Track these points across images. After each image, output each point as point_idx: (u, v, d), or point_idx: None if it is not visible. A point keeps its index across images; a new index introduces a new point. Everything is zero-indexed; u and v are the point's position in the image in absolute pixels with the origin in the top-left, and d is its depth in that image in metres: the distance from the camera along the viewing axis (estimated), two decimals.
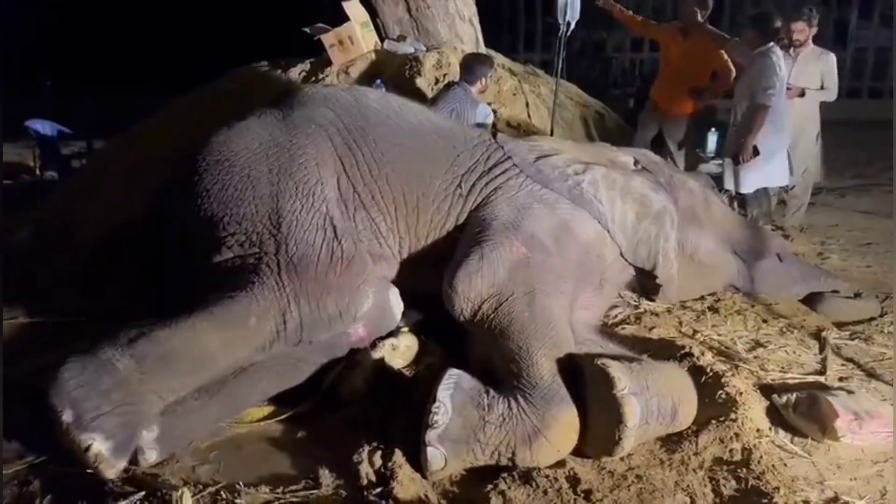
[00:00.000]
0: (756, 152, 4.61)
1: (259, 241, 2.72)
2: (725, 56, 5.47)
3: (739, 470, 2.37)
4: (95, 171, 5.01)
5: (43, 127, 8.14)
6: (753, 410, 2.65)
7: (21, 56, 13.32)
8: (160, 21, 13.97)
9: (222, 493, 2.27)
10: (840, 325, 3.65)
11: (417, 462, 2.36)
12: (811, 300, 3.87)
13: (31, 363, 2.81)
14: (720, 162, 5.29)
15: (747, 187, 4.86)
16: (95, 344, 2.41)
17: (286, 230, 2.72)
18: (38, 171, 8.62)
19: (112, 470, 2.27)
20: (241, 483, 2.30)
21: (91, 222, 4.07)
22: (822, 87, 5.37)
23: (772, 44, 4.65)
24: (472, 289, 2.76)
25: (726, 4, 13.46)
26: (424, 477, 2.34)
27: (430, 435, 2.33)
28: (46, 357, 2.66)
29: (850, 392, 2.78)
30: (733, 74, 5.42)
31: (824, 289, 3.93)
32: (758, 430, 2.57)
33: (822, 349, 3.32)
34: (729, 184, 4.81)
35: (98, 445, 2.21)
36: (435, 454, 2.32)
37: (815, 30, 5.34)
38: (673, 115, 5.72)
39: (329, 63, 5.36)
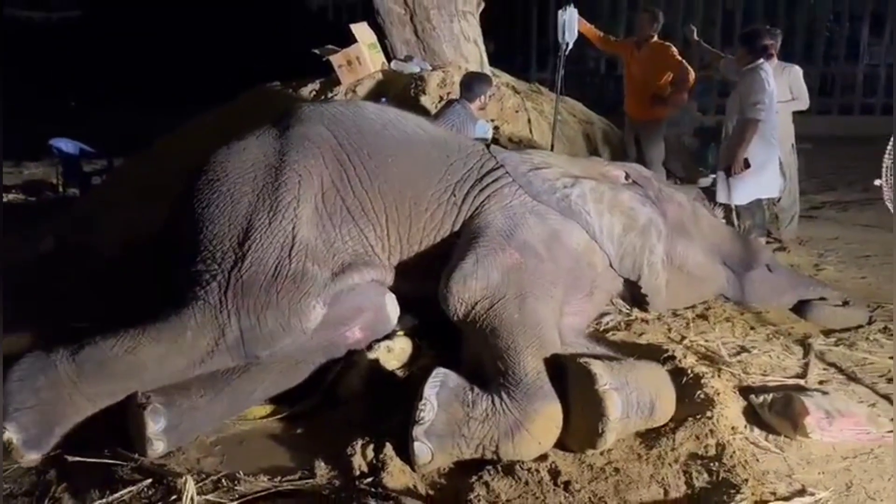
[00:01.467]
0: (747, 164, 4.74)
1: (222, 258, 2.84)
2: (679, 57, 5.94)
3: (712, 464, 2.50)
4: (115, 186, 5.25)
5: (66, 145, 8.44)
6: (730, 409, 2.78)
7: (47, 77, 13.73)
8: (179, 42, 14.35)
9: (223, 480, 2.44)
10: (827, 333, 3.76)
11: (408, 456, 2.51)
12: (800, 308, 3.98)
13: None
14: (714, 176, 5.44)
15: (740, 199, 4.98)
16: (54, 346, 2.64)
17: (246, 248, 2.84)
18: (60, 189, 8.93)
19: (22, 458, 2.50)
20: (241, 472, 2.46)
21: (110, 235, 4.29)
22: (791, 99, 5.51)
23: (761, 60, 4.80)
24: (466, 290, 2.91)
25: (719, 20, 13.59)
26: (414, 470, 2.49)
27: (417, 430, 2.47)
28: None
29: (825, 393, 2.90)
30: (692, 74, 5.91)
31: (813, 297, 4.03)
32: (733, 428, 2.69)
33: (805, 354, 3.44)
34: (722, 196, 4.94)
35: (10, 435, 2.46)
36: (422, 448, 2.47)
37: (777, 45, 5.53)
38: (645, 124, 6.15)
39: (338, 83, 5.58)
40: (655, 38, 6.15)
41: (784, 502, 2.30)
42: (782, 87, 5.40)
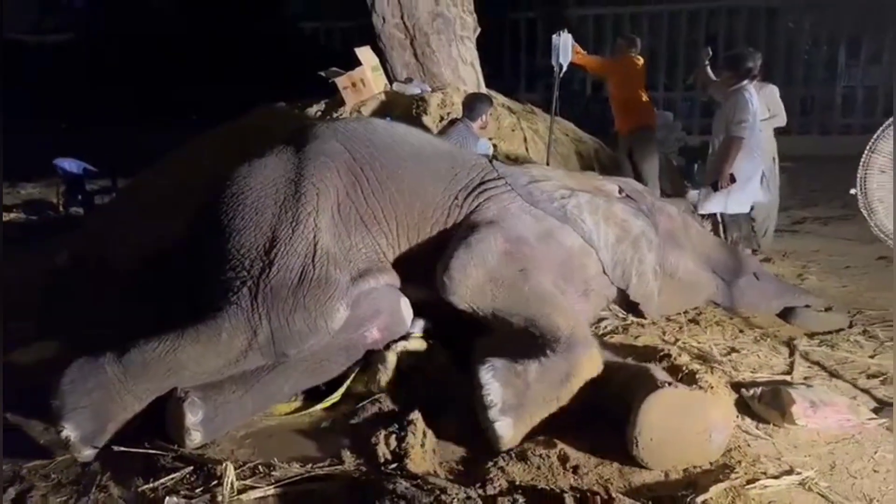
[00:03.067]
0: (732, 179, 5.02)
1: (250, 265, 3.05)
2: (639, 65, 6.57)
3: None
4: (128, 202, 5.44)
5: (70, 165, 8.64)
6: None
7: (40, 99, 13.87)
8: (172, 64, 14.59)
9: (259, 467, 2.63)
10: (811, 335, 4.01)
11: (443, 435, 2.79)
12: (786, 313, 4.23)
13: None
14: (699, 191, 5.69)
15: (728, 208, 5.27)
16: (102, 349, 2.85)
17: (272, 256, 3.05)
18: (61, 208, 9.09)
19: (79, 454, 2.69)
20: (275, 459, 2.66)
21: (126, 248, 4.47)
22: (770, 116, 5.83)
23: (745, 82, 5.10)
24: (467, 276, 3.12)
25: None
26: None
27: (492, 413, 2.69)
28: None
29: (809, 386, 3.14)
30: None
31: (798, 303, 4.28)
32: None
33: (791, 354, 3.69)
34: (709, 207, 5.21)
35: (68, 433, 2.64)
36: (502, 425, 2.68)
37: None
38: (635, 135, 6.55)
39: (342, 103, 5.83)
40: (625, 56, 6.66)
41: (774, 480, 2.52)
42: (761, 105, 5.70)
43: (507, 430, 2.69)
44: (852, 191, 3.05)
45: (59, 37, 16.87)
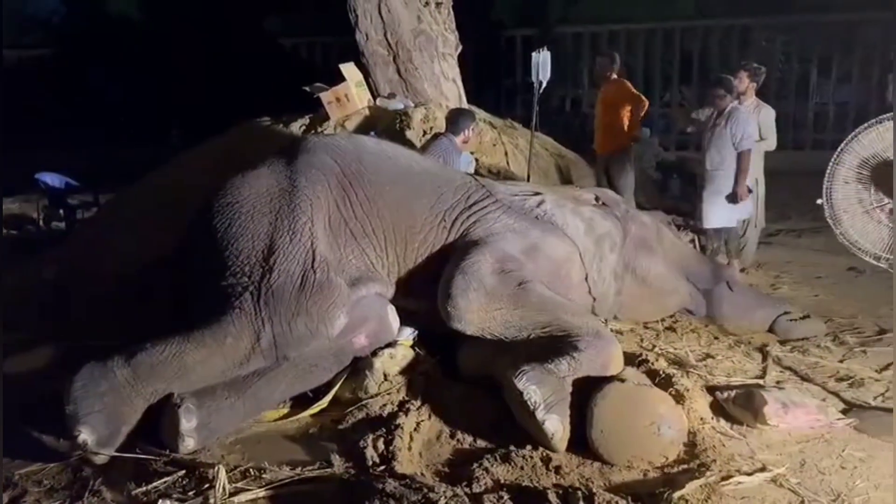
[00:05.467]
0: (748, 190, 5.30)
1: (250, 271, 3.15)
2: (634, 91, 6.67)
3: (686, 448, 2.84)
4: (117, 214, 5.47)
5: (52, 179, 8.60)
6: (698, 403, 3.13)
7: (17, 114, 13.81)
8: (150, 79, 14.62)
9: (251, 470, 2.70)
10: (783, 342, 4.15)
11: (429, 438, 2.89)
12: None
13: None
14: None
15: (722, 223, 5.50)
16: (108, 354, 2.91)
17: (272, 262, 3.15)
18: (42, 223, 9.05)
19: (96, 457, 2.74)
20: (266, 463, 2.73)
21: (116, 259, 4.51)
22: (760, 139, 5.90)
23: (736, 102, 5.35)
24: (470, 302, 3.20)
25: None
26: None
27: (540, 414, 2.77)
28: None
29: (781, 389, 3.27)
30: (646, 104, 6.65)
31: (779, 314, 4.40)
32: (701, 419, 3.05)
33: (764, 359, 3.82)
34: (714, 223, 5.46)
35: (84, 437, 2.70)
36: (552, 424, 2.77)
37: (756, 84, 5.97)
38: (613, 156, 6.71)
39: (327, 118, 5.92)
40: (615, 76, 6.77)
41: (747, 477, 2.63)
42: (753, 126, 5.86)
43: (557, 427, 2.77)
44: (819, 201, 3.20)
45: (38, 51, 16.81)
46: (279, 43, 15.68)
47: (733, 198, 5.38)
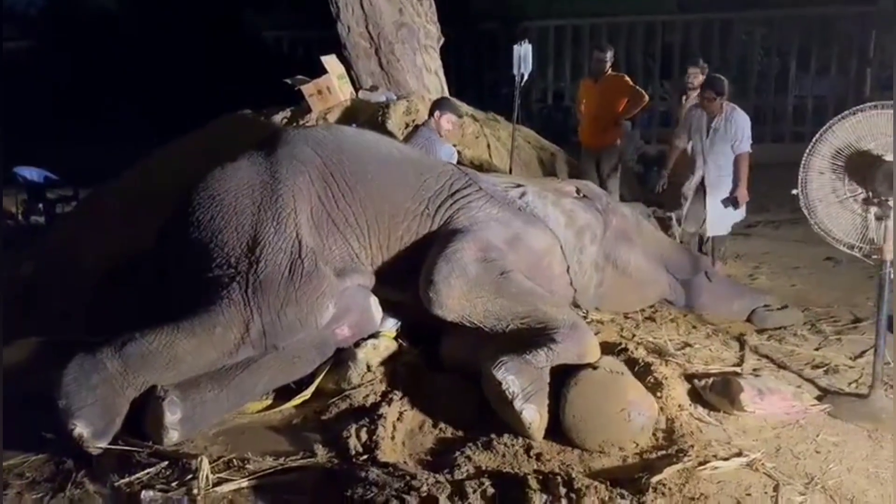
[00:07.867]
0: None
1: (236, 262, 3.15)
2: (632, 84, 6.61)
3: (664, 434, 2.89)
4: (93, 210, 5.43)
5: (31, 173, 8.54)
6: (676, 391, 3.18)
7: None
8: (130, 73, 14.47)
9: (234, 461, 2.71)
10: (760, 331, 4.22)
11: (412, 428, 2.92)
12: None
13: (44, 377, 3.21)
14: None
15: (727, 229, 5.56)
16: (97, 346, 2.90)
17: (258, 252, 3.16)
18: (20, 217, 8.97)
19: (93, 449, 2.73)
20: (249, 453, 2.74)
21: (96, 253, 4.48)
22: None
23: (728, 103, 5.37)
24: (451, 288, 3.21)
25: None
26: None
27: (517, 403, 2.79)
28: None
29: (757, 376, 3.32)
30: (645, 97, 6.57)
31: (757, 304, 4.48)
32: (679, 406, 3.09)
33: (741, 348, 3.88)
34: (717, 231, 5.49)
35: (80, 430, 2.69)
36: (529, 413, 2.79)
37: (703, 77, 6.12)
38: (604, 150, 6.68)
39: (309, 110, 5.92)
40: (610, 71, 6.72)
41: (724, 462, 2.68)
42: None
43: (534, 417, 2.79)
44: (794, 191, 3.25)
45: (16, 43, 16.58)
46: (261, 36, 15.60)
47: (734, 202, 5.39)
